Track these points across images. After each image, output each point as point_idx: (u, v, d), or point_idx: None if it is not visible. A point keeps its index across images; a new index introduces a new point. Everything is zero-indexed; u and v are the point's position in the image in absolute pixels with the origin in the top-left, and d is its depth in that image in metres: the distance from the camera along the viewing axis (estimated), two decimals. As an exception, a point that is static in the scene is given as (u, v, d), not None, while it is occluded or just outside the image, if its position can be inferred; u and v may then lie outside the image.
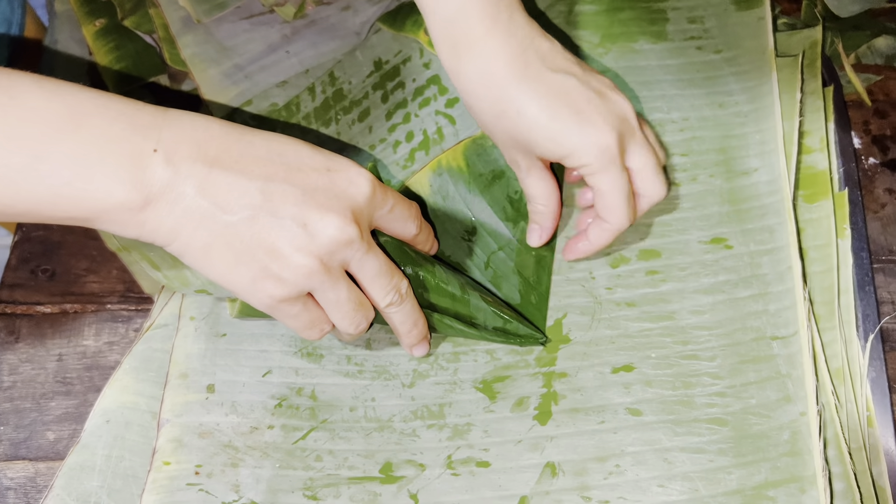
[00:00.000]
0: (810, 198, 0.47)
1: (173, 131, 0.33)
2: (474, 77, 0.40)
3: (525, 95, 0.39)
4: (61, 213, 0.32)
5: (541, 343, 0.43)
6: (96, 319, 0.46)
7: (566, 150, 0.39)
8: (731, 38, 0.52)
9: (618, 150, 0.39)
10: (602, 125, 0.39)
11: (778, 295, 0.43)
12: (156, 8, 0.51)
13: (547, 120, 0.39)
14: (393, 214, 0.39)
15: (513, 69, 0.39)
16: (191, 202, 0.33)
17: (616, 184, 0.40)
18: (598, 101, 0.39)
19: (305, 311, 0.36)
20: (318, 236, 0.34)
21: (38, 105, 0.32)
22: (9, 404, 0.44)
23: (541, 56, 0.40)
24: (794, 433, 0.39)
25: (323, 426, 0.41)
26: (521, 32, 0.40)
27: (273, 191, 0.34)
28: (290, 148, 0.36)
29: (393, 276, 0.38)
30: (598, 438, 0.40)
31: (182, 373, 0.42)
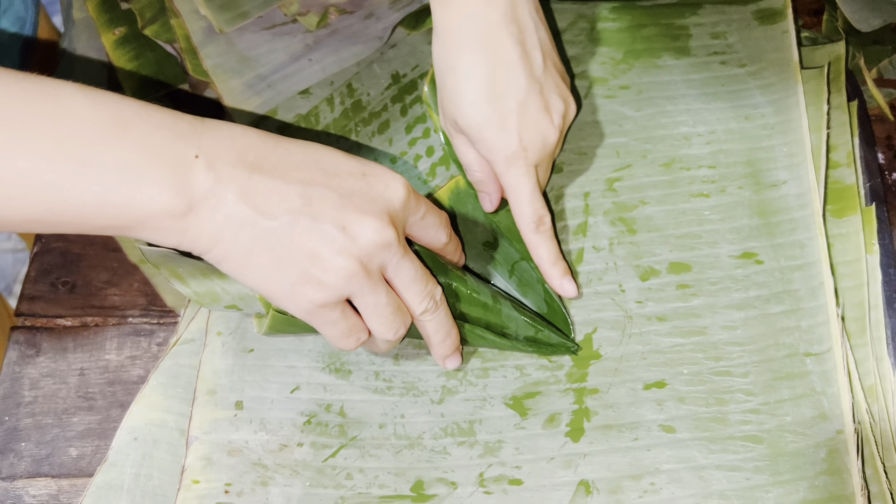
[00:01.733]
0: (838, 213, 0.46)
1: (213, 139, 0.34)
2: (444, 26, 0.42)
3: (474, 68, 0.41)
4: (105, 221, 0.32)
5: (572, 352, 0.43)
6: (118, 333, 0.45)
7: (478, 138, 0.42)
8: (754, 52, 0.52)
9: (523, 158, 0.42)
10: (514, 132, 0.42)
11: (810, 311, 0.43)
12: (177, 18, 0.50)
13: (476, 104, 0.41)
14: (425, 221, 0.39)
15: (477, 40, 0.41)
16: (232, 208, 0.33)
17: (517, 185, 0.43)
18: (526, 114, 0.42)
19: (343, 319, 0.36)
20: (358, 238, 0.35)
21: (84, 113, 0.32)
22: (30, 420, 0.43)
23: (507, 43, 0.42)
24: (832, 451, 0.39)
25: (352, 443, 0.40)
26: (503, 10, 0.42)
27: (312, 195, 0.34)
28: (326, 154, 0.36)
29: (428, 282, 0.38)
30: (633, 456, 0.40)
31: (210, 389, 0.41)
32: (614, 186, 0.48)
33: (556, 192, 0.48)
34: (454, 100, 0.42)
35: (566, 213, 0.47)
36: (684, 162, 0.48)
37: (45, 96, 0.31)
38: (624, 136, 0.50)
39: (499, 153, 0.42)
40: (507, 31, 0.42)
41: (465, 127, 0.42)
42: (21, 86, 0.31)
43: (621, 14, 0.54)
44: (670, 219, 0.46)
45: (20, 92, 0.31)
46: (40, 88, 0.32)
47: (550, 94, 0.43)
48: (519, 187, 0.43)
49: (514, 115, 0.42)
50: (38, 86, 0.32)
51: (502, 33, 0.41)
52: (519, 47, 0.42)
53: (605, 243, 0.46)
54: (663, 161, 0.48)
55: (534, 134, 0.42)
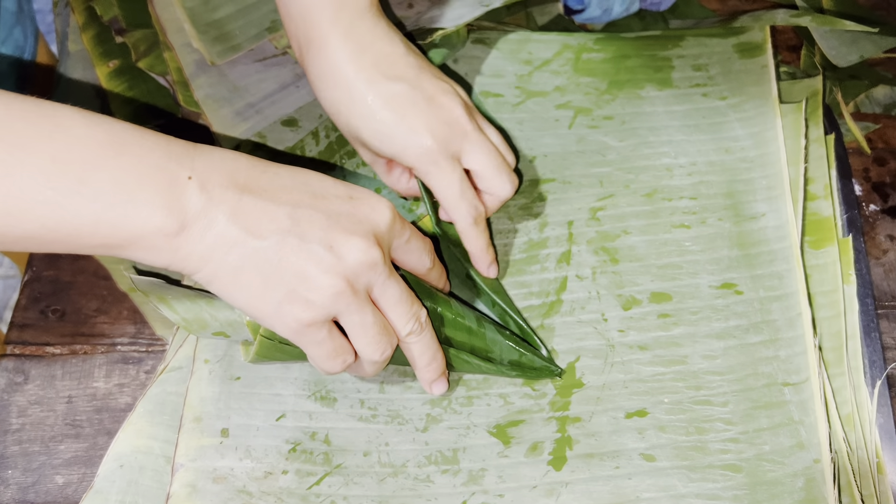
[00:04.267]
0: (816, 244, 0.47)
1: (205, 161, 0.35)
2: (316, 74, 0.43)
3: (356, 98, 0.42)
4: (100, 240, 0.33)
5: (556, 375, 0.43)
6: (106, 361, 0.46)
7: (391, 151, 0.43)
8: (735, 84, 0.53)
9: (441, 153, 0.42)
10: (422, 130, 0.42)
11: (788, 341, 0.43)
12: (170, 51, 0.51)
13: (373, 122, 0.42)
14: (410, 246, 0.40)
15: (348, 71, 0.42)
16: (222, 228, 0.34)
17: (444, 183, 0.43)
18: (423, 106, 0.42)
19: (330, 339, 0.37)
20: (345, 258, 0.35)
21: (81, 133, 0.33)
22: (17, 447, 0.43)
23: (377, 61, 0.42)
24: (809, 480, 0.39)
25: (337, 471, 0.41)
26: (363, 34, 0.43)
27: (300, 216, 0.35)
28: (314, 178, 0.38)
29: (413, 303, 0.39)
30: (614, 484, 0.40)
31: (196, 416, 0.41)
32: (598, 216, 0.49)
33: (540, 220, 0.49)
34: (359, 135, 0.43)
35: (550, 241, 0.48)
36: (666, 192, 0.49)
37: (43, 117, 0.32)
38: (607, 167, 0.51)
39: (419, 159, 0.42)
40: (370, 52, 0.42)
41: (379, 150, 0.43)
42: (21, 106, 0.32)
43: (605, 45, 0.56)
44: (652, 249, 0.47)
45: (20, 112, 0.32)
46: (39, 109, 0.33)
47: (433, 83, 0.43)
48: (447, 184, 0.43)
49: (415, 119, 0.42)
50: (38, 107, 0.33)
51: (367, 55, 0.42)
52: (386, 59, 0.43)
53: (588, 272, 0.47)
54: (646, 191, 0.49)
55: (440, 125, 0.42)
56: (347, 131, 0.44)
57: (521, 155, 0.51)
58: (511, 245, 0.48)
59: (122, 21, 0.54)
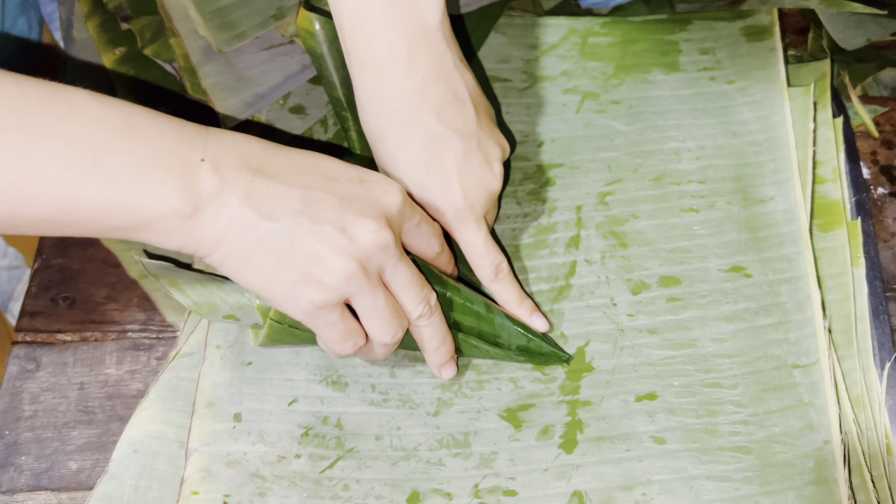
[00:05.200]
0: (825, 227, 0.47)
1: (217, 143, 0.35)
2: (366, 94, 0.40)
3: (404, 139, 0.40)
4: (114, 222, 0.33)
5: (564, 361, 0.44)
6: (118, 348, 0.46)
7: (423, 203, 0.41)
8: (742, 68, 0.53)
9: (471, 213, 0.42)
10: (458, 191, 0.41)
11: (798, 324, 0.43)
12: (176, 38, 0.51)
13: (415, 171, 0.41)
14: (420, 230, 0.40)
15: (403, 109, 0.40)
16: (236, 210, 0.34)
17: (471, 241, 0.42)
18: (468, 167, 0.41)
19: (342, 321, 0.37)
20: (357, 239, 0.36)
21: (95, 115, 0.33)
22: (30, 434, 0.43)
23: (435, 106, 0.40)
24: (819, 462, 0.40)
25: (349, 455, 0.41)
26: (429, 65, 0.39)
27: (312, 198, 0.35)
28: (325, 161, 0.38)
29: (423, 286, 0.39)
30: (624, 467, 0.40)
31: (209, 402, 0.42)
32: (606, 200, 0.49)
33: (549, 204, 0.49)
34: (391, 168, 0.41)
35: (559, 225, 0.48)
36: (674, 177, 0.49)
37: (57, 100, 0.32)
38: (615, 151, 0.51)
39: (446, 213, 0.42)
40: (434, 91, 0.40)
41: (408, 191, 0.41)
42: (34, 89, 0.32)
43: (612, 29, 0.55)
44: (661, 233, 0.47)
45: (34, 94, 0.32)
46: (53, 92, 0.33)
47: (487, 143, 0.42)
48: (471, 242, 0.43)
49: (455, 177, 0.41)
50: (51, 90, 0.33)
51: (430, 95, 0.40)
52: (448, 107, 0.40)
53: (598, 256, 0.47)
54: (654, 175, 0.49)
55: (478, 189, 0.42)
56: (381, 162, 0.42)
57: (529, 140, 0.51)
58: (520, 230, 0.48)
59: (128, 8, 0.54)
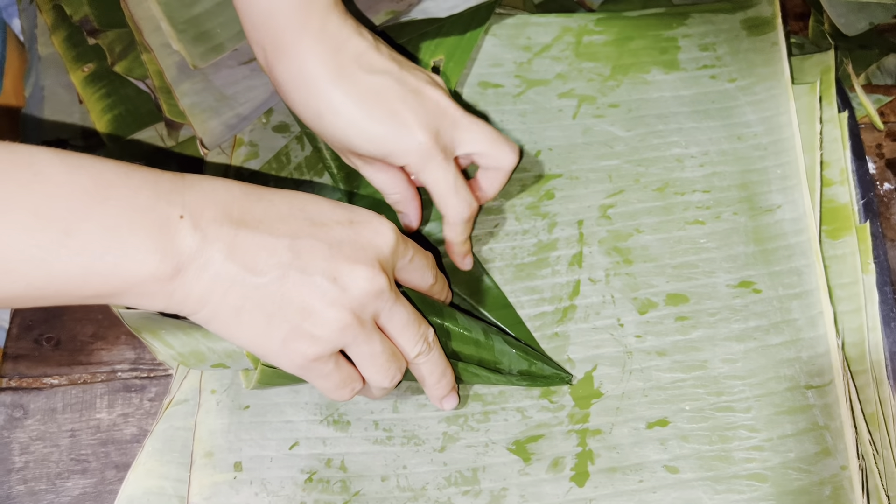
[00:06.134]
0: (833, 233, 0.46)
1: (196, 196, 0.33)
2: (288, 79, 0.40)
3: (339, 97, 0.39)
4: (90, 291, 0.31)
5: (567, 382, 0.42)
6: (108, 390, 0.44)
7: (384, 151, 0.40)
8: (744, 65, 0.51)
9: (435, 147, 0.40)
10: (415, 125, 0.40)
11: (810, 342, 0.42)
12: (148, 53, 0.48)
13: (362, 122, 0.39)
14: (413, 264, 0.38)
15: (326, 71, 0.39)
16: (220, 267, 0.32)
17: (442, 178, 0.41)
18: (412, 100, 0.40)
19: (337, 370, 0.36)
20: (350, 289, 0.34)
21: (63, 179, 0.30)
22: (23, 486, 0.42)
23: (355, 57, 0.40)
24: (837, 488, 0.39)
25: (356, 499, 0.40)
26: (335, 33, 0.40)
27: (301, 247, 0.34)
28: (312, 203, 0.36)
29: (420, 325, 0.38)
30: (638, 499, 0.40)
31: (207, 451, 0.40)
32: (608, 213, 0.47)
33: (549, 220, 0.47)
34: (342, 137, 0.40)
35: (560, 242, 0.46)
36: (678, 186, 0.47)
37: (20, 165, 0.30)
38: (616, 159, 0.49)
39: (409, 156, 0.40)
40: (348, 46, 0.40)
41: (368, 152, 0.41)
42: None
43: (608, 26, 0.53)
44: (666, 247, 0.46)
45: None
46: (14, 157, 0.30)
47: (413, 73, 0.41)
48: (442, 179, 0.41)
49: (404, 114, 0.40)
50: (12, 153, 0.30)
51: (345, 51, 0.40)
52: (366, 54, 0.40)
53: (602, 275, 0.45)
54: (657, 185, 0.47)
55: (430, 117, 0.40)
56: (333, 138, 0.41)
57: (526, 150, 0.49)
58: (519, 247, 0.46)
59: (94, 20, 0.51)
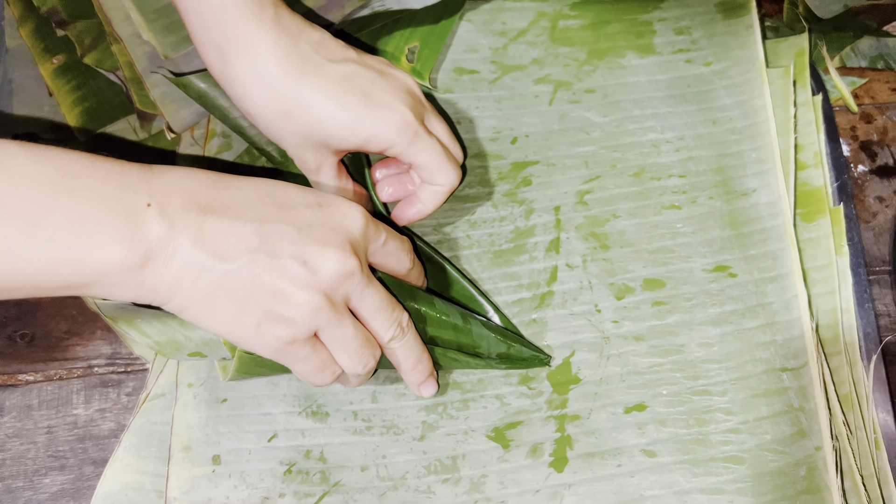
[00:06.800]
0: (808, 216, 0.46)
1: (163, 184, 0.33)
2: (248, 80, 0.38)
3: (308, 89, 0.38)
4: (59, 282, 0.31)
5: (546, 364, 0.43)
6: (84, 385, 0.44)
7: (364, 135, 0.39)
8: (719, 48, 0.51)
9: (417, 122, 0.40)
10: (394, 102, 0.39)
11: (785, 325, 0.43)
12: (118, 44, 0.47)
13: (337, 110, 0.38)
14: (386, 248, 0.38)
15: (289, 65, 0.38)
16: (188, 255, 0.32)
17: (430, 148, 0.41)
18: (382, 81, 0.40)
19: (314, 353, 0.36)
20: (320, 271, 0.34)
21: (28, 170, 0.30)
22: (0, 484, 0.41)
23: (314, 46, 0.39)
24: (811, 469, 0.39)
25: (336, 490, 0.40)
26: (289, 24, 0.39)
27: (269, 231, 0.34)
28: (280, 188, 0.35)
29: (394, 309, 0.37)
30: (616, 483, 0.40)
31: (185, 445, 0.40)
32: (585, 199, 0.47)
33: (526, 206, 0.47)
34: (317, 132, 0.39)
35: (537, 228, 0.46)
36: (654, 171, 0.47)
37: None
38: (592, 145, 0.49)
39: (394, 138, 0.39)
40: (304, 38, 0.39)
41: (348, 141, 0.39)
42: None
43: (583, 10, 0.53)
44: (643, 233, 0.46)
45: None
46: None
47: (370, 60, 0.41)
48: (431, 149, 0.41)
49: (380, 96, 0.39)
50: None
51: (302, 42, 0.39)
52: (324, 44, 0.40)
53: (579, 260, 0.45)
54: (633, 171, 0.47)
55: (404, 95, 0.40)
56: (301, 132, 0.39)
57: (502, 136, 0.49)
58: (497, 234, 0.46)
59: (63, 11, 0.50)
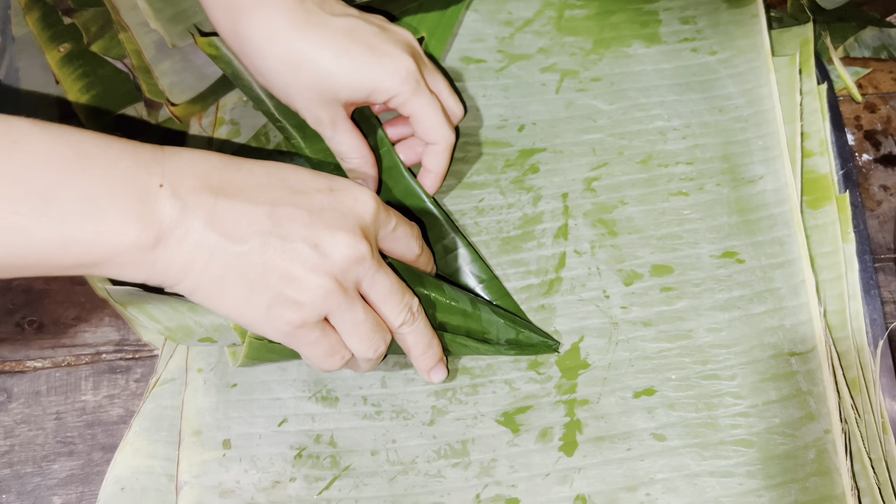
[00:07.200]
0: (814, 203, 0.47)
1: (175, 165, 0.33)
2: (258, 37, 0.39)
3: (316, 43, 0.39)
4: (71, 260, 0.31)
5: (554, 350, 0.43)
6: (93, 372, 0.44)
7: (371, 84, 0.40)
8: (724, 37, 0.51)
9: (419, 73, 0.41)
10: (397, 52, 0.40)
11: (793, 310, 0.43)
12: (126, 32, 0.47)
13: (345, 61, 0.39)
14: (396, 233, 0.38)
15: (296, 21, 0.39)
16: (200, 236, 0.32)
17: (429, 103, 0.42)
18: (383, 34, 0.41)
19: (324, 337, 0.36)
20: (331, 255, 0.34)
21: (42, 148, 0.30)
22: (9, 470, 0.41)
23: (318, 4, 0.40)
24: (820, 452, 0.39)
25: (346, 474, 0.40)
26: None
27: (281, 215, 0.34)
28: (291, 172, 0.36)
29: (404, 294, 0.38)
30: (627, 467, 0.40)
31: (195, 430, 0.40)
32: (593, 186, 0.47)
33: (534, 193, 0.47)
34: (326, 85, 0.40)
35: (545, 215, 0.47)
36: (661, 158, 0.48)
37: None
38: (599, 132, 0.49)
39: (398, 86, 0.40)
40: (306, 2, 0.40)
41: (355, 91, 0.40)
42: None
43: (588, 0, 0.53)
44: (650, 219, 0.46)
45: None
46: None
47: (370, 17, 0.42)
48: (429, 103, 0.42)
49: (384, 46, 0.40)
50: None
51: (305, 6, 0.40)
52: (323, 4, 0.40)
53: (587, 247, 0.45)
54: (640, 158, 0.48)
55: (405, 46, 0.41)
56: (309, 87, 0.40)
57: (509, 124, 0.49)
58: (505, 221, 0.46)
59: (69, 0, 0.50)
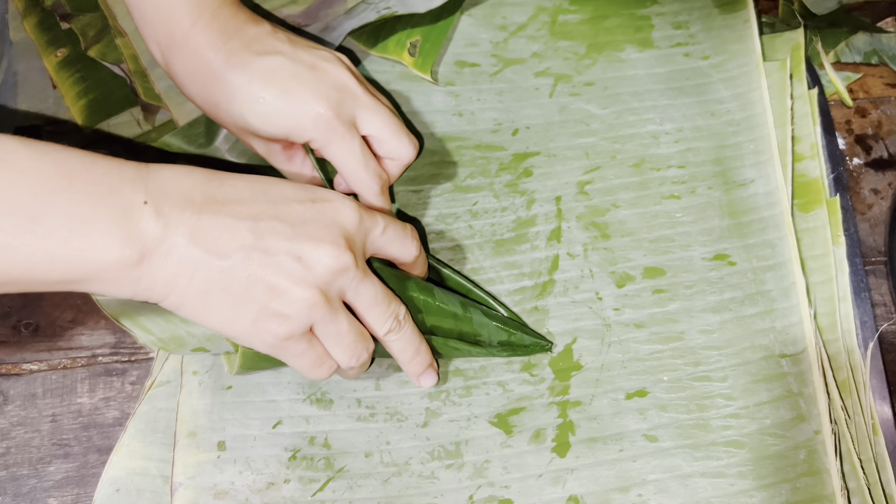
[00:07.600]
0: (805, 207, 0.47)
1: (158, 182, 0.33)
2: (185, 72, 0.40)
3: (233, 84, 0.39)
4: (56, 277, 0.31)
5: (547, 350, 0.43)
6: (89, 374, 0.44)
7: (283, 129, 0.40)
8: (717, 42, 0.52)
9: (336, 119, 0.40)
10: (310, 98, 0.39)
11: (784, 312, 0.43)
12: (122, 37, 0.48)
13: (256, 103, 0.39)
14: (387, 235, 0.38)
15: (218, 60, 0.39)
16: (184, 252, 0.33)
17: (348, 150, 0.40)
18: (306, 75, 0.40)
19: (311, 349, 0.36)
20: (315, 267, 0.34)
21: (28, 165, 0.31)
22: (4, 472, 0.42)
23: (247, 42, 0.40)
24: (811, 452, 0.40)
25: (340, 475, 0.40)
26: (227, 21, 0.40)
27: (263, 229, 0.34)
28: (273, 185, 0.36)
29: (390, 302, 0.38)
30: (619, 468, 0.40)
31: (190, 431, 0.40)
32: (585, 189, 0.47)
33: (527, 196, 0.48)
34: (243, 123, 0.40)
35: (538, 218, 0.47)
36: (654, 162, 0.48)
37: None
38: (592, 136, 0.49)
39: (309, 130, 0.40)
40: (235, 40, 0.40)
41: (269, 133, 0.40)
42: None
43: (582, 5, 0.53)
44: (643, 222, 0.46)
45: None
46: None
47: (309, 51, 0.41)
48: (349, 152, 0.40)
49: (298, 88, 0.39)
50: None
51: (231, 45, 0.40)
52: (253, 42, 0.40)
53: (580, 249, 0.46)
54: (633, 161, 0.48)
55: (327, 89, 0.40)
56: (233, 124, 0.41)
57: (503, 128, 0.50)
58: (499, 224, 0.47)
59: (67, 5, 0.50)
